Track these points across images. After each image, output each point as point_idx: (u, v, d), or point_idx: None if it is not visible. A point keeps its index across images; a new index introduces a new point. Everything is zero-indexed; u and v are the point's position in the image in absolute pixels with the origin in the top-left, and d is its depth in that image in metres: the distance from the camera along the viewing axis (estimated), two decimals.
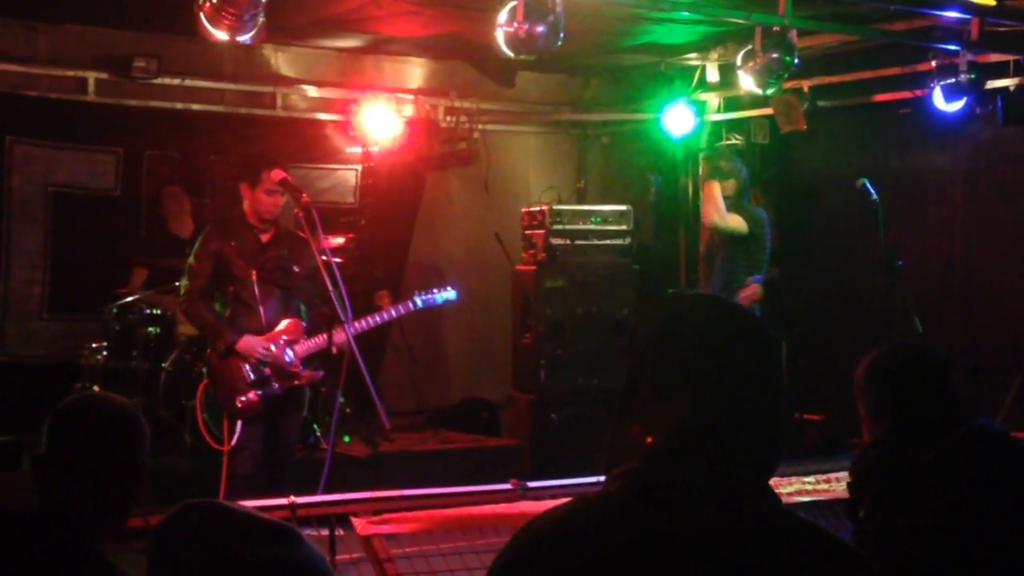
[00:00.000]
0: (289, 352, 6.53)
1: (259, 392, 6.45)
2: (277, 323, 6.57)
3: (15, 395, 8.50)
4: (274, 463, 6.53)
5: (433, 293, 7.03)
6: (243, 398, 6.42)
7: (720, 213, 7.98)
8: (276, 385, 6.50)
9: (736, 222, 7.98)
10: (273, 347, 6.49)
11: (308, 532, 4.72)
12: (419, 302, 6.98)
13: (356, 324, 6.48)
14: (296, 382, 6.57)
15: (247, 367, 6.45)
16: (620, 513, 1.81)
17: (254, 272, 6.48)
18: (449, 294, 7.09)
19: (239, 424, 6.42)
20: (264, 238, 6.61)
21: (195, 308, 6.55)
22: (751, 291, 7.67)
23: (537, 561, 1.82)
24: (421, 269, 10.86)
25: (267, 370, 6.49)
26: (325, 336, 6.49)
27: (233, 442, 6.39)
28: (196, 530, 1.99)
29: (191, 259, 6.59)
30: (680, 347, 1.89)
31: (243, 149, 9.53)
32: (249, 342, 6.45)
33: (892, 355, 3.49)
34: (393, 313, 6.85)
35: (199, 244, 6.62)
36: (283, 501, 4.38)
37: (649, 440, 1.84)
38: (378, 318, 6.73)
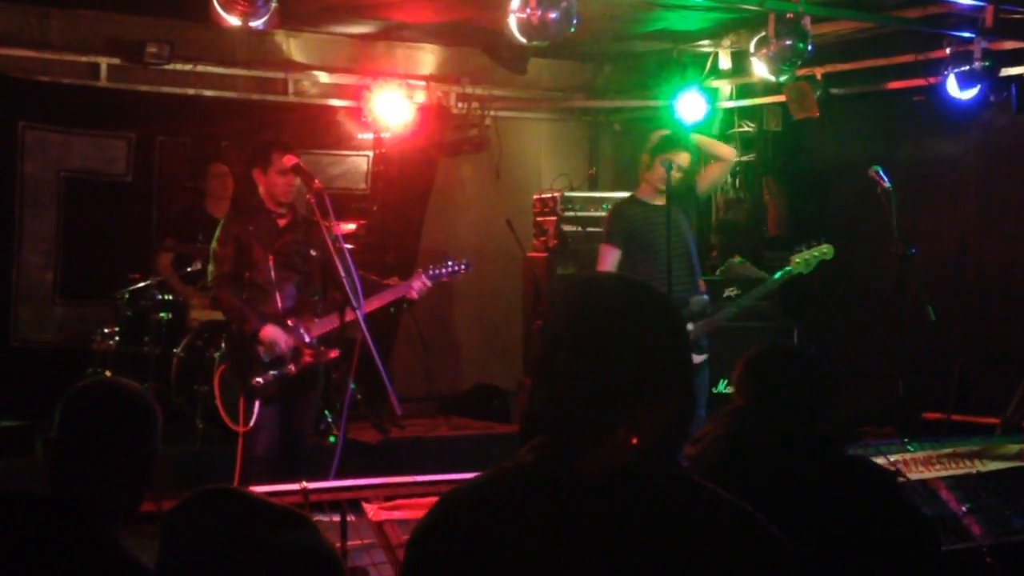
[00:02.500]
0: (304, 334, 6.52)
1: (274, 372, 6.43)
2: (293, 308, 6.55)
3: (27, 380, 8.52)
4: (287, 448, 6.51)
5: (443, 268, 6.80)
6: (259, 379, 6.40)
7: None
8: (291, 366, 6.47)
9: None
10: (295, 337, 6.48)
11: (320, 518, 4.73)
12: (429, 277, 6.73)
13: (368, 303, 6.42)
14: (310, 359, 6.52)
15: (263, 347, 6.45)
16: (537, 484, 1.86)
17: (271, 257, 6.47)
18: (460, 266, 6.82)
19: (256, 404, 6.42)
20: (282, 223, 6.58)
21: (222, 293, 6.55)
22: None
23: (454, 528, 1.88)
24: (432, 255, 10.82)
25: (286, 355, 6.50)
26: (337, 316, 6.46)
27: (251, 423, 6.39)
28: (208, 515, 1.99)
29: (214, 244, 6.58)
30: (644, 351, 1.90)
31: (255, 135, 9.53)
32: (272, 334, 6.41)
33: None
34: (405, 289, 6.68)
35: (220, 229, 6.61)
36: (295, 487, 4.38)
37: (635, 441, 1.86)
38: (389, 295, 6.66)
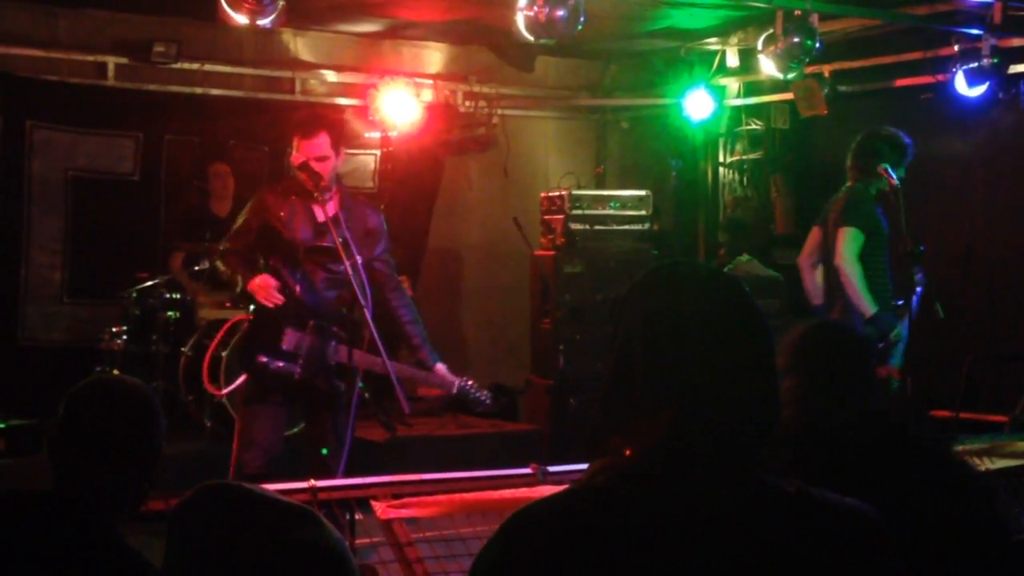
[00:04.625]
0: (332, 349, 6.07)
1: (281, 364, 5.98)
2: (324, 311, 6.10)
3: (35, 379, 8.53)
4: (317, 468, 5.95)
5: (473, 392, 6.22)
6: (264, 358, 5.97)
7: None
8: (298, 370, 6.00)
9: None
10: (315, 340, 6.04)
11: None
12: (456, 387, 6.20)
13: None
14: (318, 382, 6.05)
15: (287, 337, 5.99)
16: (615, 505, 1.76)
17: (300, 253, 6.03)
18: (484, 397, 6.26)
19: (239, 379, 6.08)
20: (320, 215, 6.01)
21: (227, 261, 6.09)
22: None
23: (532, 558, 1.74)
24: (440, 254, 10.87)
25: (301, 354, 6.00)
26: (377, 360, 5.94)
27: (224, 390, 6.09)
28: (214, 512, 1.98)
29: (243, 214, 6.17)
30: (670, 349, 1.82)
31: (263, 134, 9.57)
32: (266, 282, 5.91)
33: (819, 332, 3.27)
34: (438, 384, 6.24)
35: (254, 199, 6.18)
36: (304, 485, 4.38)
37: (628, 453, 1.79)
38: (423, 382, 6.27)
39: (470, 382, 6.25)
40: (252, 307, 6.14)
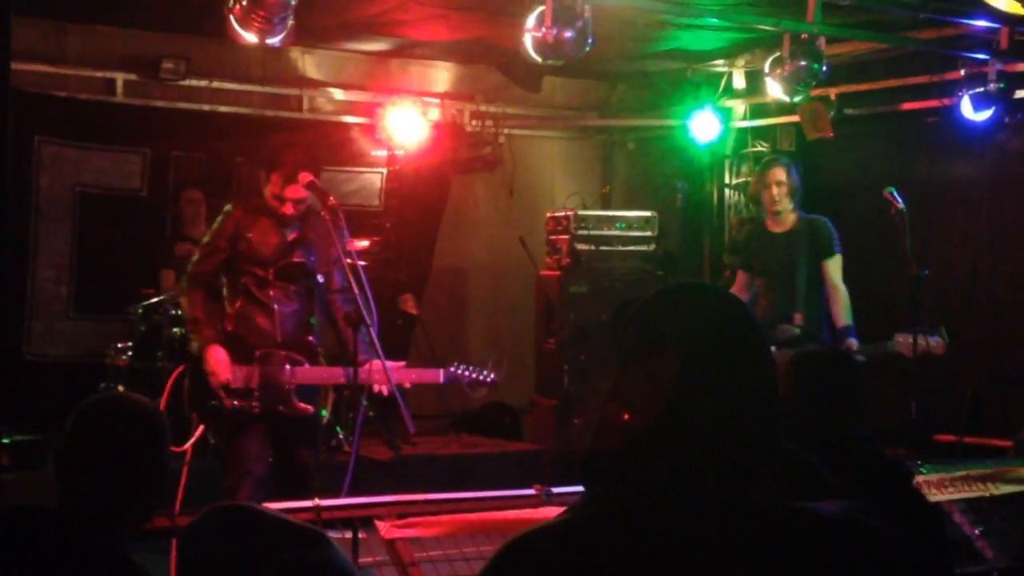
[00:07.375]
0: (288, 375, 6.00)
1: (236, 403, 5.93)
2: (291, 337, 6.08)
3: (41, 394, 8.52)
4: (292, 489, 5.87)
5: (468, 373, 6.10)
6: (214, 402, 5.94)
7: None
8: (255, 404, 5.95)
9: None
10: (266, 375, 5.96)
11: (332, 535, 4.72)
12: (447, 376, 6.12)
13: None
14: (281, 408, 5.98)
15: (234, 374, 5.94)
16: (614, 535, 1.73)
17: (271, 271, 6.07)
18: (487, 377, 6.12)
19: (200, 429, 6.14)
20: (291, 236, 6.14)
21: (194, 293, 6.04)
22: None
23: None
24: (445, 273, 10.87)
25: (256, 387, 5.95)
26: (341, 371, 5.95)
27: (188, 443, 6.05)
28: (225, 533, 1.99)
29: (209, 235, 6.16)
30: (666, 323, 1.84)
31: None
32: (215, 359, 5.86)
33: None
34: (432, 376, 6.21)
35: (223, 218, 6.13)
36: (308, 504, 4.38)
37: (626, 417, 1.77)
38: (415, 377, 6.20)
39: (460, 368, 6.07)
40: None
